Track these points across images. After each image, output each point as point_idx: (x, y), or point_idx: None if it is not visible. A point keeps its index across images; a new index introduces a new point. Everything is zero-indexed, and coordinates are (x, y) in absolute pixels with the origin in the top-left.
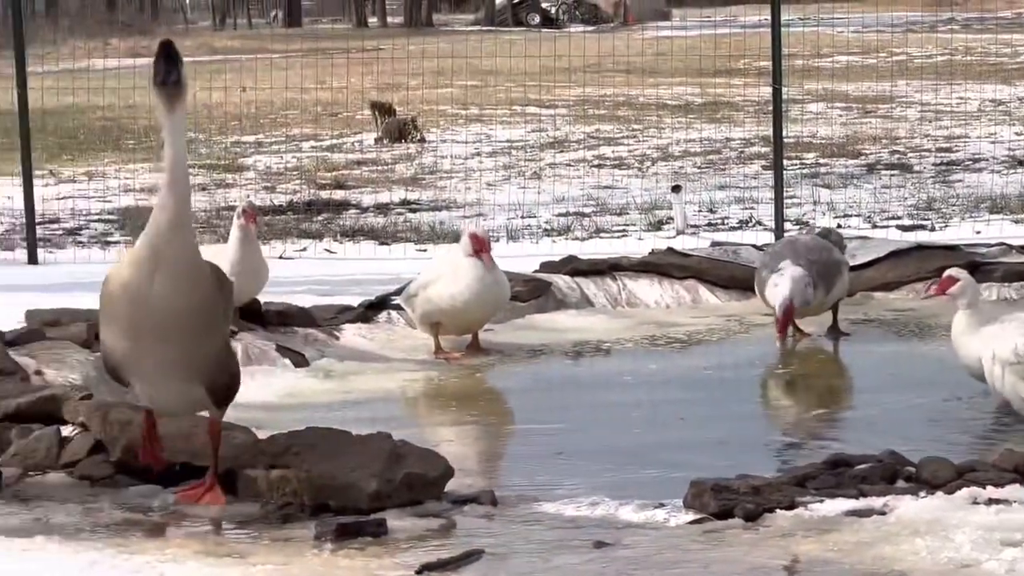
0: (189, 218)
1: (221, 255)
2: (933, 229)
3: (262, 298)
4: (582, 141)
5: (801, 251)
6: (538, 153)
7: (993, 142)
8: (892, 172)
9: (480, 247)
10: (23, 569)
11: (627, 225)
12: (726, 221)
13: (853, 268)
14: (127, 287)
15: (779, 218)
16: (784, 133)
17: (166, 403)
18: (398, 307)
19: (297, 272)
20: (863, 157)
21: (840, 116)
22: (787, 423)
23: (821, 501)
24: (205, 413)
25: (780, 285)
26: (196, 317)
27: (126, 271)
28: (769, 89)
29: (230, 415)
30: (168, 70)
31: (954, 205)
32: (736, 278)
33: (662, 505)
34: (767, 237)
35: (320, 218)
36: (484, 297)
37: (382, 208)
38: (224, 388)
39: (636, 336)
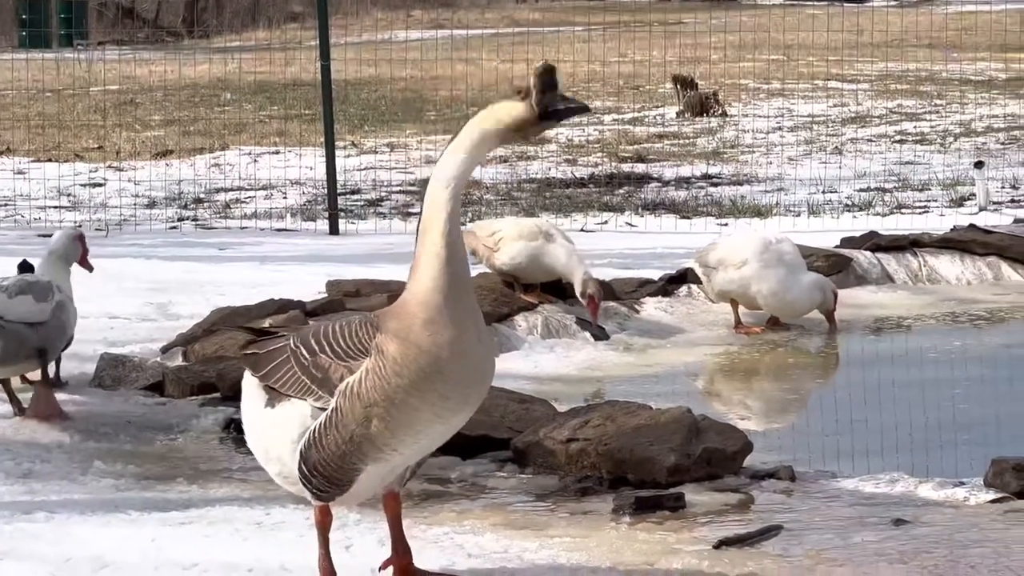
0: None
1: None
2: None
3: None
4: (884, 116)
5: None
6: (839, 128)
7: None
8: None
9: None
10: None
11: (928, 201)
12: None
13: None
14: (465, 348)
15: None
16: None
17: (378, 486)
18: (699, 281)
19: (598, 245)
20: None
21: None
22: None
23: None
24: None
25: None
26: None
27: (452, 332)
28: None
29: (528, 388)
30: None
31: None
32: None
33: (962, 483)
34: None
35: (621, 191)
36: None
37: (683, 182)
38: None
39: (937, 312)
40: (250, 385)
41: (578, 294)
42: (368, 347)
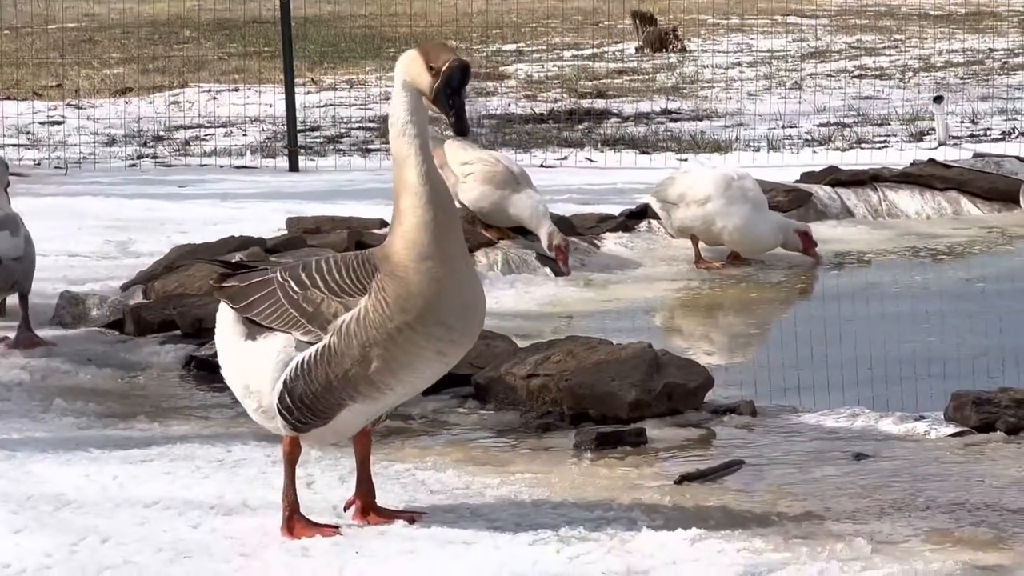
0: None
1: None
2: None
3: None
4: (843, 51)
5: None
6: (799, 63)
7: None
8: None
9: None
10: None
11: (888, 136)
12: (988, 132)
13: None
14: (461, 280)
15: None
16: None
17: (360, 425)
18: (658, 216)
19: (558, 181)
20: None
21: None
22: None
23: None
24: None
25: None
26: None
27: (446, 266)
28: None
29: (489, 323)
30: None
31: None
32: (999, 189)
33: (922, 417)
34: None
35: (581, 127)
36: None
37: (643, 117)
38: None
39: (897, 247)
40: (226, 319)
41: (544, 246)
42: (367, 285)
